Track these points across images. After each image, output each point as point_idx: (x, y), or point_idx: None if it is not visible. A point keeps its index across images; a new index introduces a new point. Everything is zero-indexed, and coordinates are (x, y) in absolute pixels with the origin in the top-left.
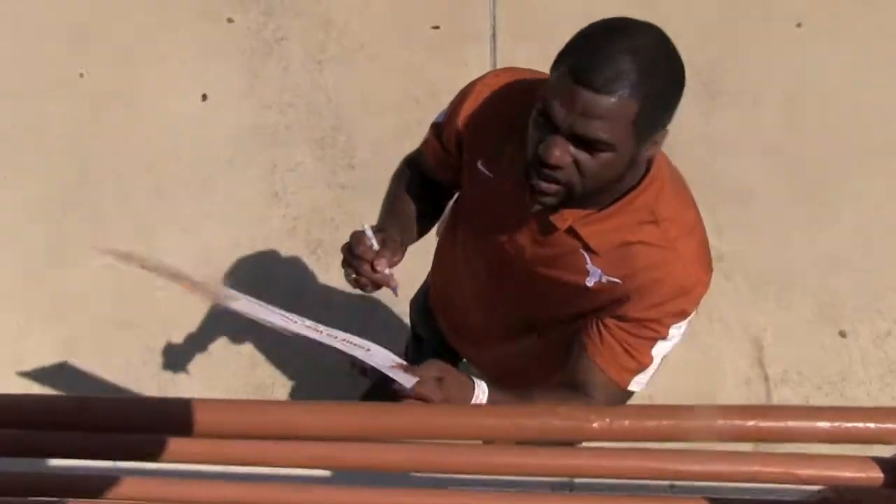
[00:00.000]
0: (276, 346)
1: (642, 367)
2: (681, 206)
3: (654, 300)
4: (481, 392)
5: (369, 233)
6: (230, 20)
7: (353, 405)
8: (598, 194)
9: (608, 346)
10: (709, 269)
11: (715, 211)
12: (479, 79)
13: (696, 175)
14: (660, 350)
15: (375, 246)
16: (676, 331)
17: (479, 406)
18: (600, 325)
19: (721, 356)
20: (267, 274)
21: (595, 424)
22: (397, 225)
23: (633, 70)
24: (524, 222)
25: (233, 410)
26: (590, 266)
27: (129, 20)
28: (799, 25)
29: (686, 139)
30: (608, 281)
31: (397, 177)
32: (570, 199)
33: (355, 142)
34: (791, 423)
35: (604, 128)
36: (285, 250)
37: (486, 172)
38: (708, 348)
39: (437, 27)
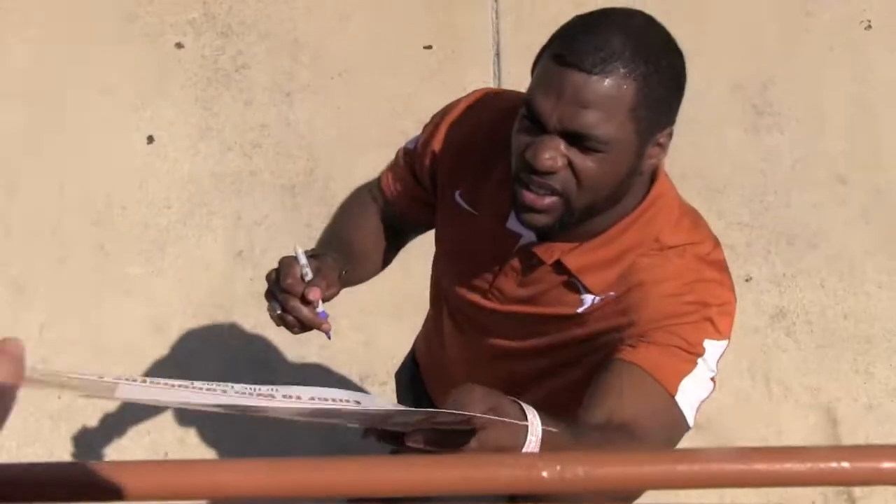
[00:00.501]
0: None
1: (688, 368)
2: (695, 237)
3: (662, 311)
4: (533, 435)
5: (302, 259)
6: (179, 45)
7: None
8: (595, 213)
9: (640, 354)
10: (730, 286)
11: (771, 255)
12: (460, 99)
13: (747, 214)
14: (700, 370)
15: (308, 275)
16: (712, 347)
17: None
18: (614, 358)
19: (783, 427)
20: (230, 347)
21: (544, 473)
22: (341, 253)
23: (627, 47)
24: (506, 263)
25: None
26: (582, 294)
27: (57, 43)
28: (868, 27)
29: (734, 171)
30: (601, 300)
31: (350, 200)
32: (570, 215)
33: (334, 187)
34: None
35: (599, 118)
36: (252, 320)
37: (466, 206)
38: (767, 416)
39: (429, 47)
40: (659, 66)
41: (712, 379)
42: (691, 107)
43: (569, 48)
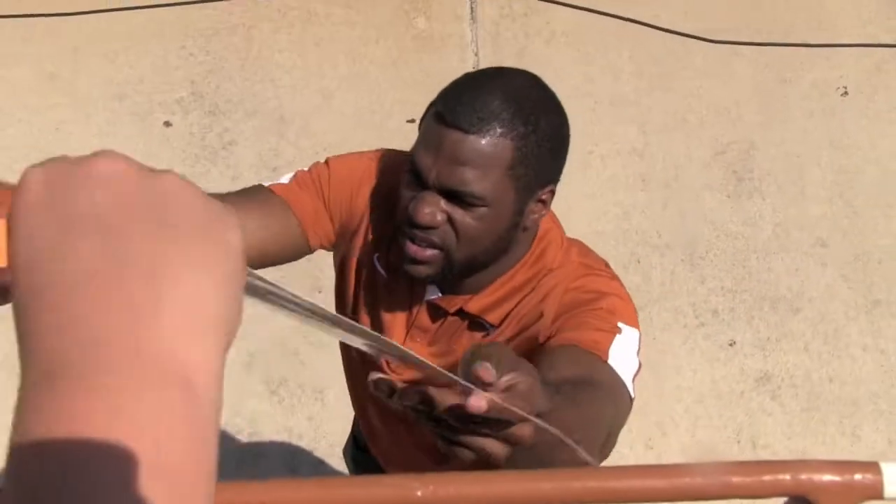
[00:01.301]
0: None
1: (609, 338)
2: (585, 260)
3: (566, 304)
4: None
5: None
6: (167, 123)
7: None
8: (479, 265)
9: (561, 339)
10: (621, 284)
11: (755, 320)
12: (363, 158)
13: (729, 279)
14: (621, 340)
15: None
16: (626, 329)
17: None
18: (539, 350)
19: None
20: None
21: (419, 493)
22: None
23: (506, 108)
24: (414, 323)
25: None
26: (489, 330)
27: (48, 124)
28: (845, 94)
29: (716, 236)
30: (501, 319)
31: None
32: (450, 267)
33: (321, 261)
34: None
35: (476, 176)
36: (240, 391)
37: (381, 271)
38: None
39: (412, 120)
40: (538, 127)
41: (638, 355)
42: (674, 173)
43: (450, 107)
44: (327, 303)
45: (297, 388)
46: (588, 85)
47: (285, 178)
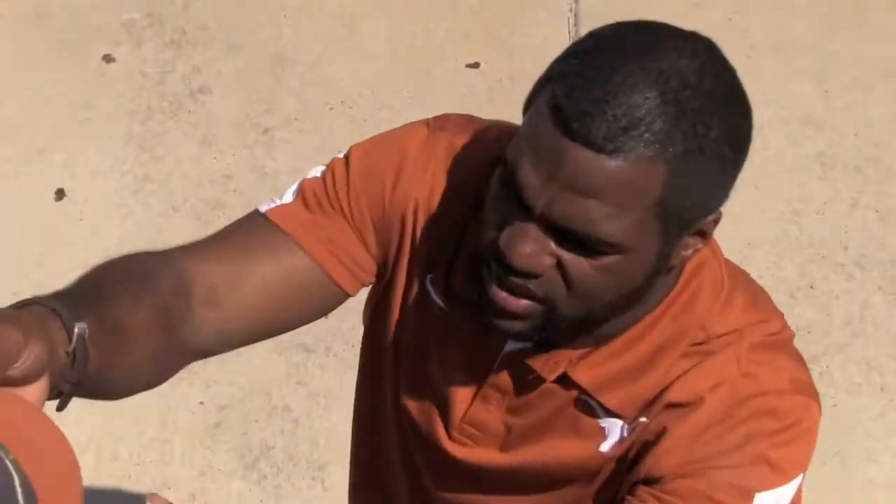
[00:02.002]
0: None
1: (772, 485)
2: (752, 314)
3: (692, 454)
4: None
5: None
6: (108, 58)
7: None
8: (593, 323)
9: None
10: (804, 388)
11: None
12: (432, 131)
13: None
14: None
15: None
16: (769, 499)
17: None
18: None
19: None
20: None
21: None
22: (99, 343)
23: (662, 112)
24: (486, 381)
25: None
26: (603, 420)
27: None
28: None
29: None
30: (631, 431)
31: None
32: (554, 325)
33: None
34: None
35: (607, 215)
36: (202, 464)
37: (438, 300)
38: None
39: (475, 65)
40: (707, 137)
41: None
42: (871, 153)
43: (575, 105)
44: (335, 331)
45: (287, 461)
46: (741, 19)
47: (289, 194)
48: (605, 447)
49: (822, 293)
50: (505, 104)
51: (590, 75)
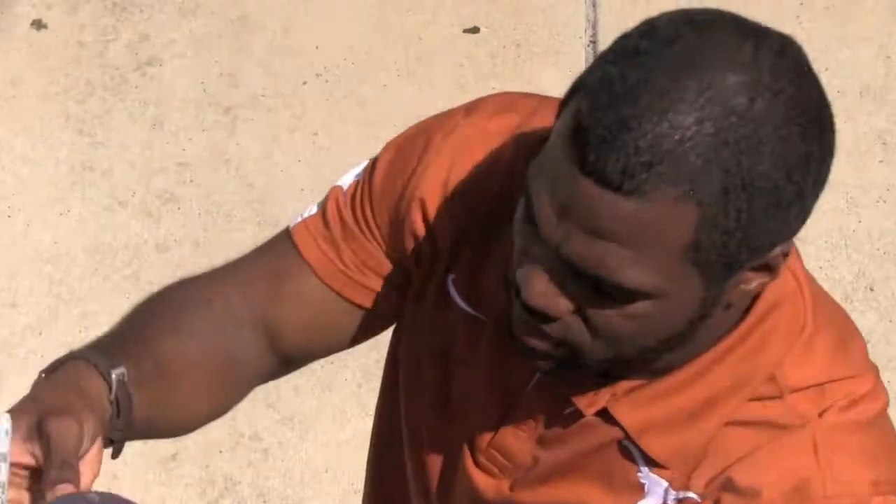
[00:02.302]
0: None
1: None
2: (839, 366)
3: None
4: None
5: (2, 442)
6: (39, 24)
7: None
8: (635, 364)
9: None
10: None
11: None
12: (463, 121)
13: None
14: None
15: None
16: None
17: None
18: None
19: None
20: None
21: None
22: (142, 384)
23: (694, 145)
24: (517, 405)
25: None
26: (644, 474)
27: None
28: None
29: None
30: (677, 501)
31: (184, 290)
32: (585, 366)
33: None
34: None
35: (627, 260)
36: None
37: (461, 303)
38: None
39: (474, 30)
40: (755, 170)
41: None
42: None
43: (592, 129)
44: None
45: (256, 497)
46: None
47: (315, 207)
48: None
49: (883, 296)
50: (509, 75)
51: (619, 91)
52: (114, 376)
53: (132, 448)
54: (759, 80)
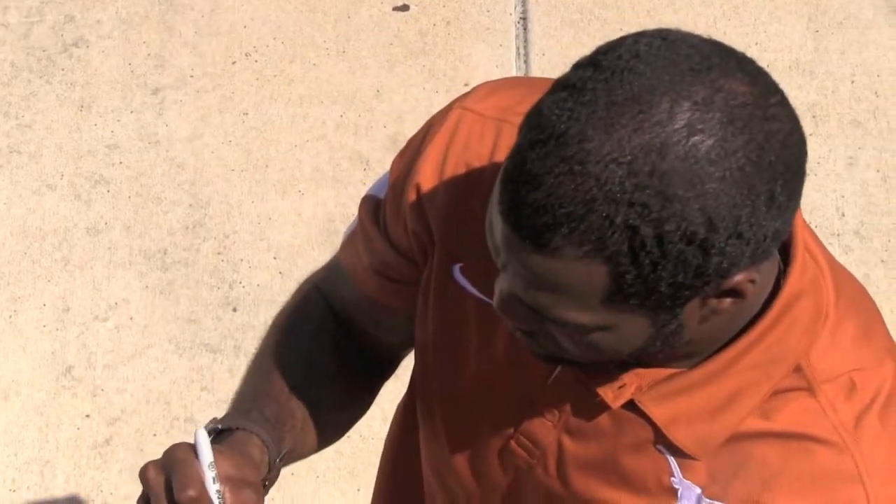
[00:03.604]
0: None
1: None
2: (864, 353)
3: None
4: None
5: (206, 454)
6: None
7: None
8: (654, 357)
9: None
10: None
11: None
12: (454, 104)
13: None
14: None
15: (214, 498)
16: None
17: None
18: None
19: None
20: None
21: None
22: (274, 419)
23: (594, 208)
24: (543, 387)
25: None
26: (677, 479)
27: None
28: None
29: None
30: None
31: (291, 316)
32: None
33: (237, 254)
34: None
35: (559, 303)
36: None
37: (471, 288)
38: None
39: (403, 7)
40: (666, 223)
41: None
42: (870, 103)
43: (514, 178)
44: (245, 327)
45: None
46: None
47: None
48: None
49: None
50: (440, 53)
51: (538, 139)
52: (279, 460)
53: (65, 433)
54: (668, 140)
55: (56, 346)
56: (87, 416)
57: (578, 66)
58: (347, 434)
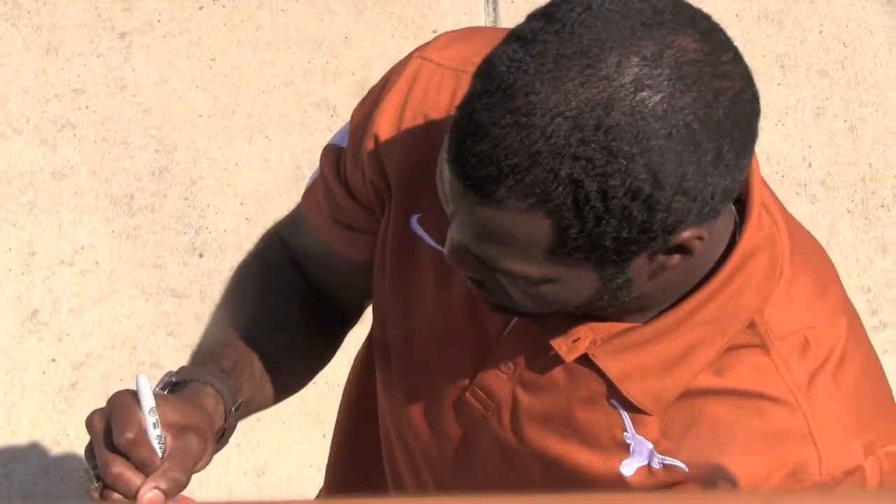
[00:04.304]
0: None
1: None
2: (819, 310)
3: None
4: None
5: (147, 399)
6: None
7: None
8: (604, 310)
9: None
10: (880, 440)
11: None
12: (414, 53)
13: None
14: None
15: (156, 434)
16: None
17: None
18: None
19: None
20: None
21: None
22: (232, 368)
23: (539, 160)
24: (499, 339)
25: None
26: (629, 434)
27: None
28: None
29: None
30: (663, 466)
31: (251, 261)
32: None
33: (203, 199)
34: None
35: (504, 254)
36: (57, 442)
37: (428, 239)
38: None
39: None
40: (611, 178)
41: None
42: (839, 53)
43: (463, 127)
44: (212, 272)
45: None
46: None
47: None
48: (626, 470)
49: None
50: (408, 0)
51: (487, 89)
52: (233, 409)
53: (31, 377)
54: (614, 95)
55: (21, 290)
56: (53, 360)
57: (532, 18)
58: (313, 381)
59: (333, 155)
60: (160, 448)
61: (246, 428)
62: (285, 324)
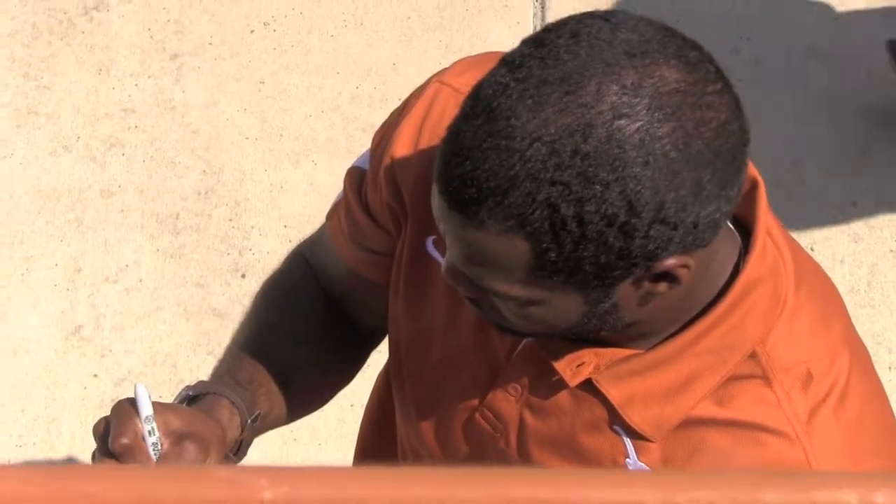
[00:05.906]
0: None
1: None
2: (821, 343)
3: None
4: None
5: (145, 406)
6: None
7: None
8: (578, 338)
9: None
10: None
11: None
12: (433, 78)
13: None
14: None
15: (153, 439)
16: None
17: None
18: None
19: None
20: None
21: (267, 494)
22: (251, 382)
23: (518, 183)
24: (507, 362)
25: None
26: (632, 460)
27: None
28: None
29: None
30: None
31: (276, 282)
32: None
33: (248, 221)
34: None
35: (488, 275)
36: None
37: (442, 261)
38: None
39: None
40: (587, 204)
41: None
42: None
43: (450, 149)
44: (253, 293)
45: None
46: None
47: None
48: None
49: (823, 256)
50: (457, 28)
51: (475, 111)
52: (249, 422)
53: (73, 392)
54: (592, 122)
55: (66, 306)
56: (95, 375)
57: (524, 43)
58: (350, 403)
59: (356, 177)
60: (155, 454)
61: (281, 447)
62: (306, 339)
